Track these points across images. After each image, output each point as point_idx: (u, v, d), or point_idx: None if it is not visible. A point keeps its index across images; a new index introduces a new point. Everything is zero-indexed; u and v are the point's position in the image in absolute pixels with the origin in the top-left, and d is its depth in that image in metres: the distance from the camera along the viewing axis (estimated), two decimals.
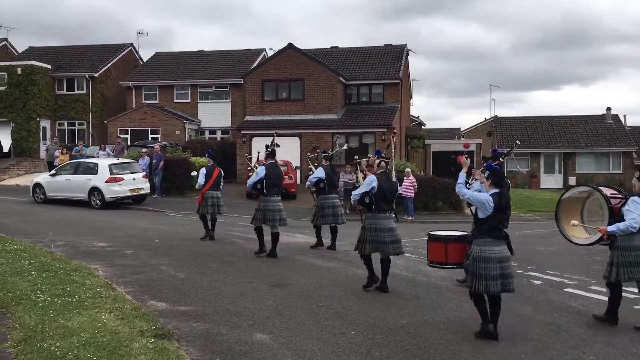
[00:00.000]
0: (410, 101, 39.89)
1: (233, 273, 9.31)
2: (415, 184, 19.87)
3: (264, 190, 10.62)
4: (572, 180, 35.51)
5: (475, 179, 8.18)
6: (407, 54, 33.74)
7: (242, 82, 31.05)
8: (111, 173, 18.72)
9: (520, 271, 9.96)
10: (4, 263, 8.74)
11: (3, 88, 32.31)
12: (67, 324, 5.92)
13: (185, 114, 33.13)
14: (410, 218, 19.29)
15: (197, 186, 13.00)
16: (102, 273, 8.88)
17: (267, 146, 11.03)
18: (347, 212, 19.75)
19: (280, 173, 11.18)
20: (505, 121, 42.55)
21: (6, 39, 39.18)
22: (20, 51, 39.17)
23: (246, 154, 19.30)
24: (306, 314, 7.11)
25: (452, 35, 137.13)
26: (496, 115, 45.05)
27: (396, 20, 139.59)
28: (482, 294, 6.25)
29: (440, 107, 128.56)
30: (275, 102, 29.60)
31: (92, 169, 19.12)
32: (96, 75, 34.36)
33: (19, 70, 32.23)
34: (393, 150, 9.45)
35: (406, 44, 33.75)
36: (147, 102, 33.66)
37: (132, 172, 19.41)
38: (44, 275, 8.00)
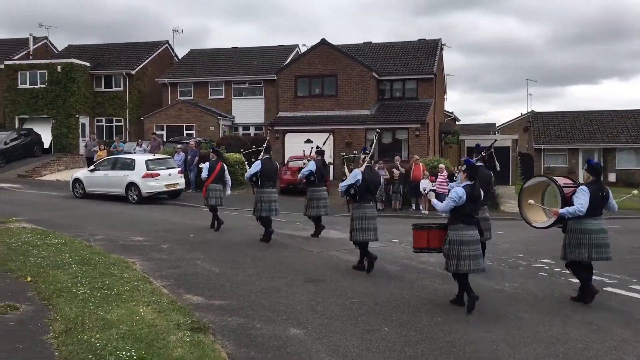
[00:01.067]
0: (445, 96, 39.44)
1: (267, 268, 9.37)
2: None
3: (259, 183, 11.66)
4: (611, 177, 34.57)
5: (457, 175, 8.94)
6: (442, 49, 33.35)
7: (276, 78, 31.18)
8: (147, 169, 19.05)
9: (558, 269, 9.77)
10: (45, 256, 8.98)
11: (44, 86, 33.16)
12: (106, 316, 6.06)
13: (219, 110, 33.47)
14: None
15: (202, 179, 13.80)
16: (140, 267, 9.04)
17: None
18: (379, 207, 19.76)
19: (276, 167, 12.31)
20: (542, 116, 41.68)
21: (46, 38, 40.16)
22: (60, 49, 40.13)
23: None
24: (340, 309, 7.11)
25: (487, 29, 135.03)
26: (533, 110, 44.17)
27: (430, 15, 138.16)
28: (459, 275, 7.23)
29: (475, 102, 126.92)
30: (308, 98, 29.63)
31: (129, 165, 19.48)
32: (133, 72, 34.99)
33: (59, 68, 33.03)
34: (372, 148, 10.48)
35: (440, 39, 33.37)
36: (182, 98, 34.12)
37: (167, 168, 19.73)
38: (83, 269, 8.19)
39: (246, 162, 13.43)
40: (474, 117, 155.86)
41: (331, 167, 26.07)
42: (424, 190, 19.32)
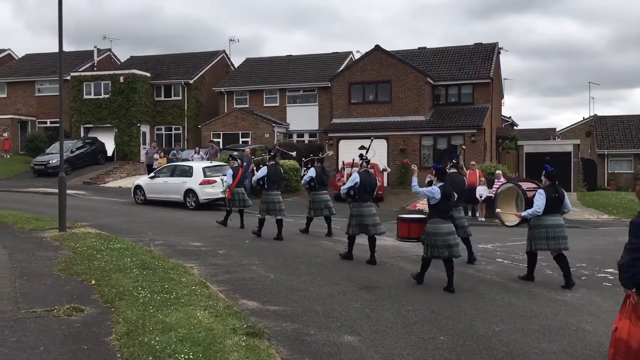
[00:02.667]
0: (502, 101, 38.61)
1: (321, 275, 9.40)
2: None
3: (265, 186, 13.00)
4: None
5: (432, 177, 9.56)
6: (499, 53, 32.70)
7: (330, 85, 31.34)
8: (205, 175, 19.49)
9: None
10: (108, 260, 9.32)
11: (107, 96, 34.50)
12: (165, 319, 6.23)
13: (274, 118, 33.90)
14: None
15: (225, 185, 15.26)
16: (197, 272, 9.25)
17: (360, 155, 11.56)
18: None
19: (281, 172, 13.66)
20: (606, 120, 40.16)
21: (110, 50, 41.81)
22: (122, 61, 41.69)
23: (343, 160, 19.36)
24: (394, 317, 7.06)
25: (546, 32, 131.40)
26: (596, 114, 42.65)
27: (485, 19, 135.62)
28: (430, 260, 8.73)
29: (534, 106, 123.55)
30: (362, 104, 29.62)
31: (187, 172, 19.98)
32: (191, 82, 35.94)
33: (121, 79, 34.30)
34: (373, 154, 11.86)
35: (497, 42, 32.73)
36: (238, 106, 34.76)
37: (224, 175, 20.09)
38: (144, 273, 8.45)
39: (304, 169, 14.19)
40: (533, 121, 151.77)
41: (385, 173, 25.99)
42: (480, 197, 18.93)
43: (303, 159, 17.38)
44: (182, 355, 5.15)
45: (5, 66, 41.57)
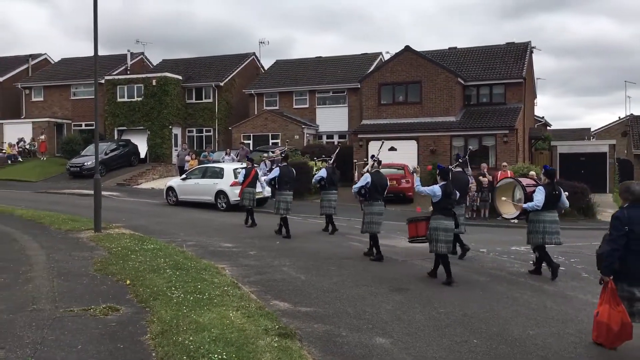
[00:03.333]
0: (535, 101, 37.97)
1: (352, 276, 9.39)
2: None
3: (277, 186, 13.78)
4: None
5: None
6: (531, 52, 32.16)
7: (359, 86, 31.29)
8: (235, 177, 19.62)
9: None
10: (142, 261, 9.47)
11: (140, 98, 35.08)
12: (198, 319, 6.30)
13: (304, 119, 34.00)
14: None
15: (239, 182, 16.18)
16: (229, 272, 9.34)
17: (372, 156, 12.06)
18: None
19: (293, 173, 14.33)
20: None
21: (142, 53, 42.51)
22: (155, 64, 42.35)
23: (355, 160, 19.65)
24: (426, 319, 7.01)
25: (579, 30, 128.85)
26: (632, 114, 41.63)
27: (517, 18, 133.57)
28: (443, 255, 9.01)
29: (568, 106, 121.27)
30: (392, 105, 29.47)
31: (218, 173, 20.18)
32: (222, 84, 36.30)
33: (154, 82, 34.85)
34: (378, 155, 12.09)
35: (529, 42, 32.20)
36: (268, 108, 34.98)
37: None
38: (177, 273, 8.56)
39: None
40: (567, 121, 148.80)
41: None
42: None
43: (323, 156, 17.91)
44: (216, 355, 5.20)
45: (42, 70, 42.63)
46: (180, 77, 36.38)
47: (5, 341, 5.64)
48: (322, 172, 14.44)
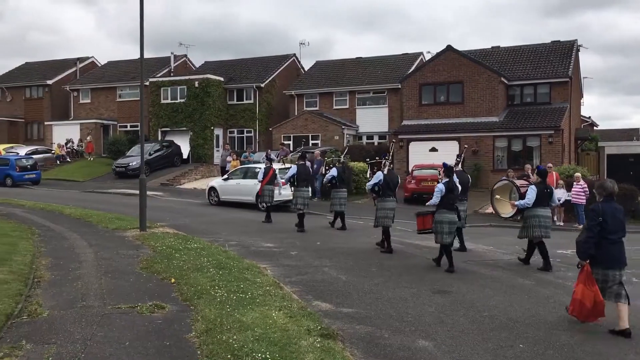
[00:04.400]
0: (581, 100, 37.00)
1: (393, 277, 9.34)
2: (587, 189, 18.34)
3: (295, 183, 15.02)
4: None
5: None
6: (578, 50, 31.36)
7: (400, 86, 31.10)
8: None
9: None
10: (186, 260, 9.64)
11: (183, 100, 35.71)
12: (242, 318, 6.37)
13: (344, 120, 34.00)
14: (581, 226, 17.78)
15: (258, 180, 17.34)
16: (271, 272, 9.41)
17: (384, 155, 12.91)
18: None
19: (309, 171, 15.89)
20: None
21: (185, 56, 43.29)
22: (197, 66, 43.06)
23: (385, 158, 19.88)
24: (469, 323, 6.91)
25: (628, 27, 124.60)
26: None
27: (561, 16, 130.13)
28: (447, 245, 9.96)
29: (616, 105, 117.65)
30: (433, 105, 29.19)
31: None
32: (262, 85, 36.63)
33: (196, 84, 35.43)
34: (390, 152, 13.35)
35: (576, 40, 31.39)
36: (308, 109, 35.11)
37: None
38: (220, 272, 8.68)
39: (369, 172, 15.64)
40: (615, 121, 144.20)
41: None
42: (559, 200, 18.16)
43: (368, 160, 18.26)
44: (259, 355, 5.25)
45: (89, 73, 43.89)
46: (221, 79, 36.87)
47: (57, 336, 5.83)
48: (333, 172, 15.34)
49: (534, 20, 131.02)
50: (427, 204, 10.66)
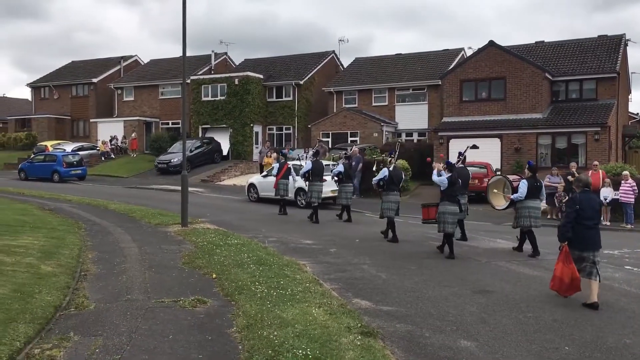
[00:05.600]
0: (629, 97, 35.84)
1: (434, 276, 9.25)
2: (636, 188, 17.77)
3: (310, 178, 16.23)
4: None
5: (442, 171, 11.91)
6: (625, 45, 30.32)
7: (440, 83, 30.71)
8: None
9: None
10: (227, 255, 9.75)
11: (223, 97, 36.12)
12: (282, 315, 6.41)
13: (383, 117, 33.80)
14: (629, 226, 17.31)
15: (272, 175, 18.65)
16: (310, 269, 9.43)
17: (390, 152, 14.04)
18: (554, 217, 18.48)
19: (322, 166, 16.80)
20: None
21: (226, 54, 43.76)
22: (237, 64, 43.48)
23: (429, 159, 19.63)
24: (513, 324, 6.78)
25: None
26: None
27: (608, 10, 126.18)
28: (449, 235, 10.98)
29: None
30: (474, 102, 28.71)
31: (298, 171, 20.37)
32: (301, 82, 36.72)
33: (236, 81, 35.79)
34: (397, 151, 14.19)
35: (624, 34, 30.36)
36: (347, 106, 35.02)
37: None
38: (260, 269, 8.75)
39: (375, 167, 16.94)
40: None
41: (499, 173, 25.00)
42: (605, 199, 17.68)
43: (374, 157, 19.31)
44: (300, 351, 5.27)
45: (132, 71, 44.85)
46: (261, 76, 37.13)
47: (103, 329, 5.98)
48: (340, 167, 16.14)
49: (579, 14, 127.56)
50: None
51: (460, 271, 9.72)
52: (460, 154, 13.86)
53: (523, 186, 11.27)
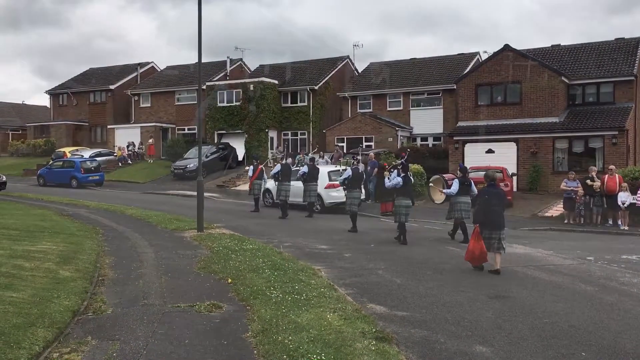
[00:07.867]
0: None
1: (449, 281, 9.22)
2: None
3: (279, 178, 18.67)
4: None
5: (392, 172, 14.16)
6: None
7: (455, 87, 30.63)
8: (330, 179, 19.82)
9: None
10: (242, 261, 9.81)
11: (238, 103, 36.33)
12: (297, 319, 6.43)
13: (398, 122, 33.77)
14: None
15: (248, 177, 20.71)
16: (325, 274, 9.44)
17: (359, 153, 15.80)
18: (571, 222, 18.31)
19: (317, 170, 18.88)
20: None
21: (241, 59, 44.06)
22: (252, 70, 43.73)
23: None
24: (529, 329, 6.73)
25: None
26: None
27: (626, 13, 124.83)
28: (402, 224, 13.05)
29: None
30: (490, 106, 28.56)
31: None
32: (316, 87, 36.84)
33: (251, 87, 35.99)
34: (405, 157, 14.67)
35: None
36: (362, 111, 35.05)
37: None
38: (275, 274, 8.79)
39: (386, 173, 17.54)
40: None
41: (515, 177, 24.87)
42: (623, 203, 17.49)
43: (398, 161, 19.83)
44: (315, 356, 5.29)
45: (149, 78, 45.31)
46: (276, 82, 37.31)
47: (120, 333, 6.05)
48: (348, 172, 16.30)
49: (595, 18, 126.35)
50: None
51: (476, 276, 9.68)
52: (461, 167, 14.31)
53: (455, 185, 13.28)
